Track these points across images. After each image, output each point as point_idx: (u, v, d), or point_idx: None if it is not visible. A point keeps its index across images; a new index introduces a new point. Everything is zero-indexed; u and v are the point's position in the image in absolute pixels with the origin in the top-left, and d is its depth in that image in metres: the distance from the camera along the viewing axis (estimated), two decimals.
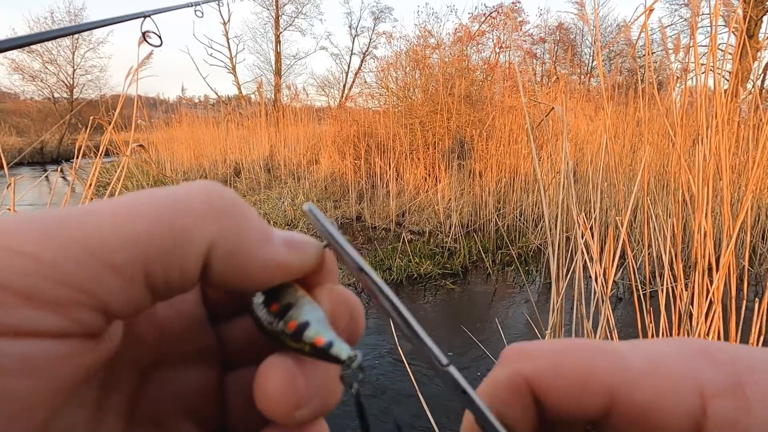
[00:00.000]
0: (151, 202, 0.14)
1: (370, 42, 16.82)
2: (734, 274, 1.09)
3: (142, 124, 10.39)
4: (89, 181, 1.37)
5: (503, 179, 5.43)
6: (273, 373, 0.16)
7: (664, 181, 3.80)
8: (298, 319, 0.16)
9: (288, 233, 0.17)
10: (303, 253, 0.17)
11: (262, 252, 0.16)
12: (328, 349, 0.16)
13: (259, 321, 0.17)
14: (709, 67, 1.13)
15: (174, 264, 0.14)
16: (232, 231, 0.15)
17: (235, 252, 0.15)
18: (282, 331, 0.16)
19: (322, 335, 0.16)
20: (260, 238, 0.16)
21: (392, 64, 7.86)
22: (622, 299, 3.55)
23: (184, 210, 0.14)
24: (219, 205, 0.15)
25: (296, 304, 0.17)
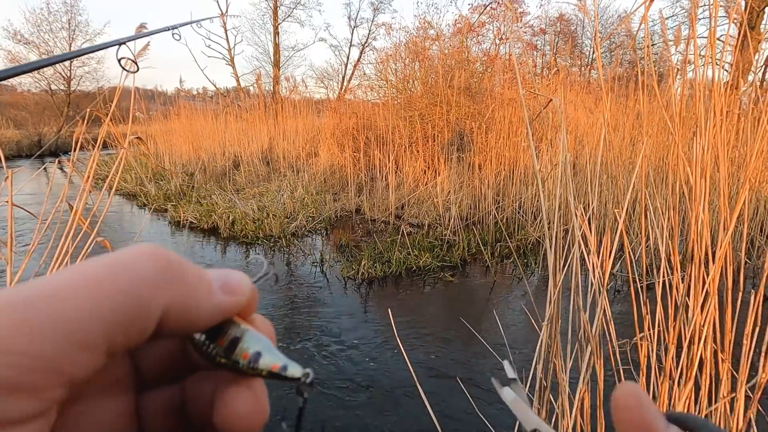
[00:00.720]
0: (108, 276, 0.15)
1: (369, 33, 16.70)
2: (731, 265, 1.10)
3: (140, 116, 10.34)
4: (87, 174, 1.37)
5: (502, 172, 5.42)
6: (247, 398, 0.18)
7: (663, 173, 3.80)
8: (249, 351, 0.19)
9: (223, 276, 0.19)
10: (240, 294, 0.19)
11: (206, 304, 0.18)
12: (284, 371, 0.19)
13: (210, 356, 0.19)
14: (708, 59, 1.12)
15: (134, 331, 0.16)
16: (182, 294, 0.17)
17: (185, 310, 0.17)
18: (236, 362, 0.19)
19: (276, 361, 0.19)
20: (204, 292, 0.18)
21: (391, 56, 7.81)
22: (620, 291, 3.57)
23: (140, 282, 0.16)
24: (169, 273, 0.17)
25: (242, 337, 0.19)
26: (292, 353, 2.56)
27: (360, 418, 2.03)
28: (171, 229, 5.36)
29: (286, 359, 0.19)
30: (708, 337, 0.90)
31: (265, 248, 4.56)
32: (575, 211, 1.00)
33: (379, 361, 2.50)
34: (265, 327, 0.21)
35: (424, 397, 1.13)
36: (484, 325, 2.94)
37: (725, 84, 1.19)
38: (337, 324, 2.93)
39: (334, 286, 3.59)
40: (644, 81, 1.56)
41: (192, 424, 0.20)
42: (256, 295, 0.21)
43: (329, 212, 5.61)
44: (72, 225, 1.11)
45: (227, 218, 5.16)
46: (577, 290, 0.97)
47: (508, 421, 1.99)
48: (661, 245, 1.11)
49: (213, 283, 0.18)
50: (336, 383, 2.29)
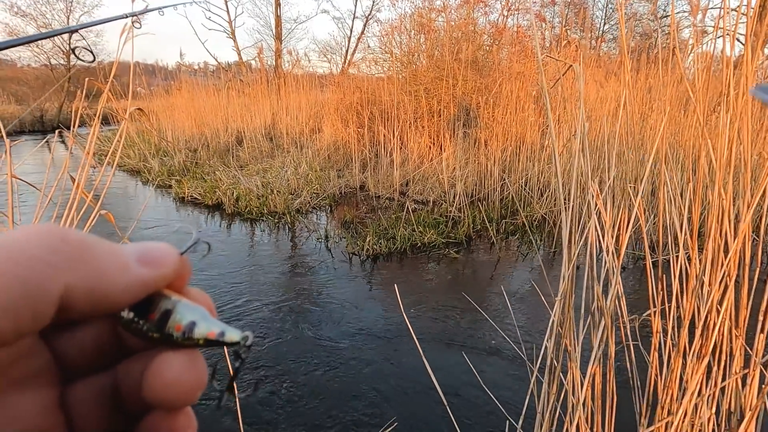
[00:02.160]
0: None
1: (373, 4, 16.19)
2: (749, 241, 1.07)
3: (141, 91, 10.20)
4: (88, 147, 1.34)
5: (509, 148, 5.34)
6: (176, 364, 0.17)
7: (673, 150, 3.72)
8: (182, 322, 0.18)
9: (144, 248, 0.18)
10: (162, 266, 0.18)
11: (122, 279, 0.17)
12: (222, 337, 0.18)
13: (140, 332, 0.18)
14: (726, 30, 1.06)
15: (26, 317, 0.14)
16: (86, 272, 0.16)
17: (94, 288, 0.16)
18: (170, 335, 0.18)
19: (212, 328, 0.18)
20: (117, 268, 0.17)
21: (396, 28, 7.59)
22: (625, 269, 3.56)
23: (29, 262, 0.14)
24: (66, 251, 0.15)
25: (174, 309, 0.18)
26: (297, 328, 2.58)
27: (365, 391, 2.05)
28: (175, 205, 5.36)
29: (223, 325, 0.19)
30: (726, 312, 0.88)
31: (269, 224, 4.56)
32: (591, 184, 0.97)
33: (384, 336, 2.52)
34: (200, 297, 0.20)
35: (430, 372, 1.13)
36: (488, 301, 2.95)
37: (741, 56, 1.13)
38: (342, 299, 2.95)
39: (338, 262, 3.59)
40: (660, 53, 1.49)
41: (128, 410, 0.19)
42: (187, 266, 0.19)
43: (333, 189, 5.58)
44: (75, 198, 1.09)
45: (231, 194, 5.15)
46: (592, 265, 0.95)
47: (511, 392, 2.01)
48: (677, 221, 1.08)
49: (128, 257, 0.17)
50: (340, 358, 2.31)
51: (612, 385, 1.00)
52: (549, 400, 1.03)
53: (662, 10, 9.70)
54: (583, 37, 9.19)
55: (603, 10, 14.37)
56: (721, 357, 0.95)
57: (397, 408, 1.94)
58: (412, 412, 1.92)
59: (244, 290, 3.06)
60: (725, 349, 0.95)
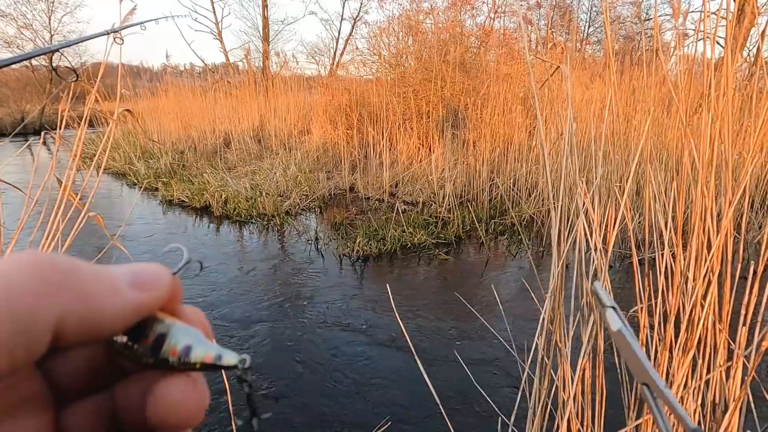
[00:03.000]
0: None
1: (361, 6, 16.22)
2: (731, 238, 1.10)
3: (126, 93, 10.05)
4: (75, 149, 1.32)
5: (497, 149, 5.39)
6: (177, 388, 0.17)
7: (657, 150, 3.80)
8: (177, 346, 0.17)
9: (135, 270, 0.17)
10: (155, 289, 0.18)
11: (114, 305, 0.16)
12: (219, 361, 0.18)
13: (135, 358, 0.18)
14: (706, 34, 1.10)
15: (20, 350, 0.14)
16: (76, 299, 0.15)
17: (86, 317, 0.15)
18: (165, 360, 0.17)
19: (208, 351, 0.18)
20: (108, 293, 0.16)
21: (384, 30, 7.61)
22: (612, 266, 3.62)
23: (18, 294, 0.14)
24: (56, 279, 0.15)
25: (169, 333, 0.18)
26: (290, 330, 2.57)
27: (358, 390, 2.05)
28: (163, 208, 5.29)
29: (219, 348, 0.18)
30: (710, 307, 0.91)
31: (258, 227, 4.53)
32: (579, 183, 0.99)
33: (376, 335, 2.52)
34: (195, 317, 0.20)
35: (422, 369, 1.14)
36: (479, 300, 2.97)
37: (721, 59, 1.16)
38: (333, 300, 2.94)
39: (329, 263, 3.58)
40: (643, 55, 1.53)
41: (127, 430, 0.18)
42: (179, 287, 0.19)
43: (323, 190, 5.57)
44: (62, 200, 1.07)
45: (219, 197, 5.10)
46: (581, 262, 0.97)
47: (502, 389, 2.03)
48: (662, 219, 1.11)
49: (118, 281, 0.16)
50: (332, 358, 2.31)
51: (601, 379, 1.02)
52: (540, 397, 1.04)
53: (645, 14, 9.90)
54: (569, 39, 9.33)
55: (587, 13, 14.62)
56: (706, 350, 0.98)
57: (389, 407, 1.95)
58: (404, 411, 1.92)
59: (232, 293, 3.04)
60: (709, 343, 0.97)
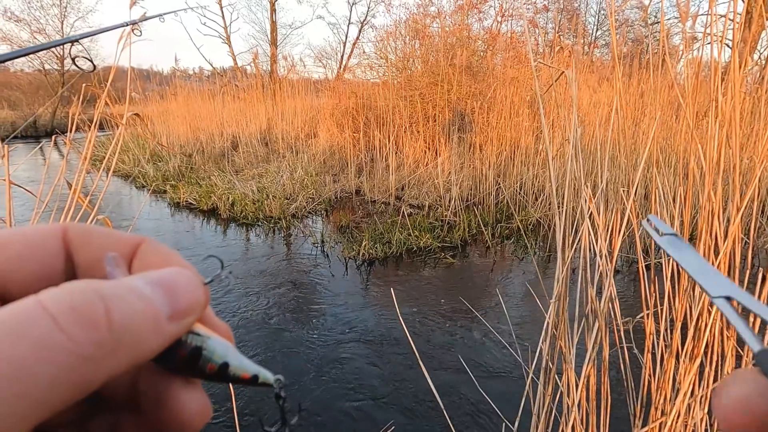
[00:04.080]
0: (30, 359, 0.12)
1: (368, 10, 16.31)
2: (739, 244, 1.09)
3: (136, 96, 10.18)
4: (85, 152, 1.34)
5: (504, 152, 5.37)
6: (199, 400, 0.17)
7: (665, 154, 3.77)
8: (215, 362, 0.17)
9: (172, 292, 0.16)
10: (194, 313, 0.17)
11: (156, 342, 0.15)
12: (257, 380, 0.18)
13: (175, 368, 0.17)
14: (714, 37, 1.09)
15: (64, 407, 0.12)
16: (129, 353, 0.14)
17: (132, 362, 0.14)
18: (203, 373, 0.17)
19: (245, 371, 0.18)
20: (151, 332, 0.15)
21: (391, 34, 7.64)
22: (619, 272, 3.59)
23: (75, 362, 0.12)
24: (112, 340, 0.13)
25: (204, 346, 0.17)
26: (294, 333, 2.58)
27: (362, 395, 2.05)
28: (170, 210, 5.34)
29: (255, 366, 0.19)
30: (717, 314, 0.90)
31: (265, 229, 4.55)
32: (584, 188, 0.99)
33: (380, 338, 2.52)
34: (221, 327, 0.19)
35: (426, 374, 1.14)
36: (484, 305, 2.96)
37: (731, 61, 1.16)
38: (338, 303, 2.95)
39: (335, 266, 3.59)
40: (650, 59, 1.52)
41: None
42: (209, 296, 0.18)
43: (329, 193, 5.59)
44: (71, 203, 1.09)
45: (227, 199, 5.14)
46: (585, 266, 0.97)
47: (507, 394, 2.02)
48: (669, 224, 1.10)
49: (160, 315, 0.15)
50: (337, 362, 2.31)
51: (606, 386, 1.01)
52: (544, 402, 1.04)
53: (653, 17, 9.84)
54: (576, 42, 9.29)
55: (595, 16, 14.56)
56: (713, 358, 0.97)
57: (393, 411, 1.94)
58: (408, 415, 1.92)
59: (238, 295, 3.05)
60: (717, 350, 0.96)
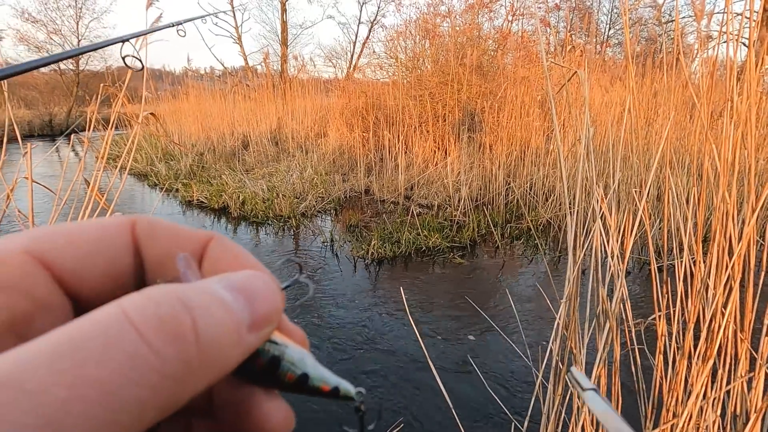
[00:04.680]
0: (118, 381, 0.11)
1: (378, 10, 16.32)
2: (754, 245, 1.08)
3: (148, 96, 10.31)
4: (101, 153, 1.37)
5: (514, 152, 5.34)
6: (281, 411, 0.17)
7: (679, 155, 3.72)
8: (295, 372, 0.17)
9: (252, 301, 0.15)
10: (273, 322, 0.16)
11: (236, 356, 0.14)
12: (337, 392, 0.18)
13: (248, 379, 0.17)
14: (730, 35, 1.08)
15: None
16: (213, 371, 0.13)
17: (213, 379, 0.13)
18: (282, 383, 0.17)
19: (326, 382, 0.18)
20: (233, 345, 0.14)
21: (401, 34, 7.64)
22: (630, 272, 3.55)
23: (167, 384, 0.12)
24: (200, 359, 0.12)
25: (283, 356, 0.17)
26: (304, 331, 2.60)
27: (371, 394, 2.06)
28: (182, 209, 5.41)
29: (335, 378, 0.18)
30: (731, 316, 0.89)
31: (275, 228, 4.59)
32: (596, 188, 0.98)
33: (389, 338, 2.53)
34: (297, 334, 0.19)
35: (435, 373, 1.14)
36: (493, 305, 2.95)
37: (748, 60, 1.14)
38: (346, 302, 2.96)
39: (344, 265, 3.61)
40: (664, 58, 1.51)
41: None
42: (285, 301, 0.17)
43: (338, 192, 5.61)
44: (89, 200, 1.11)
45: (237, 198, 5.18)
46: (597, 267, 0.96)
47: (516, 395, 2.02)
48: (683, 225, 1.09)
49: (242, 327, 0.14)
50: (346, 361, 2.32)
51: (617, 387, 1.01)
52: (554, 402, 1.03)
53: (668, 15, 9.69)
54: (588, 41, 9.20)
55: (608, 15, 14.39)
56: (726, 360, 0.96)
57: (402, 410, 1.95)
58: (417, 414, 1.92)
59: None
60: (730, 352, 0.95)
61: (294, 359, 0.17)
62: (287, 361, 0.17)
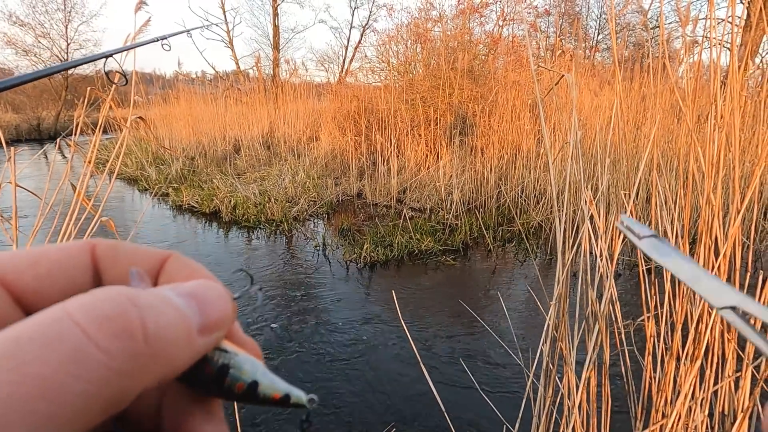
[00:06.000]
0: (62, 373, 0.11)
1: (370, 15, 16.39)
2: (739, 247, 1.09)
3: (139, 100, 10.23)
4: (89, 155, 1.36)
5: (505, 156, 5.38)
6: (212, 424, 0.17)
7: (667, 158, 3.77)
8: (244, 381, 0.17)
9: (202, 305, 0.15)
10: (223, 327, 0.16)
11: (187, 355, 0.14)
12: (288, 400, 0.18)
13: (197, 388, 0.17)
14: (715, 41, 1.10)
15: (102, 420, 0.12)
16: (162, 370, 0.13)
17: (162, 378, 0.14)
18: (230, 391, 0.17)
19: (276, 390, 0.17)
20: (183, 347, 0.14)
21: (393, 38, 7.68)
22: (621, 275, 3.58)
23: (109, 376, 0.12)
24: (148, 354, 0.13)
25: (231, 364, 0.17)
26: (296, 336, 2.58)
27: (364, 398, 2.05)
28: (173, 213, 5.36)
29: (286, 386, 0.18)
30: (717, 317, 0.90)
31: (267, 232, 4.56)
32: (584, 191, 0.99)
33: (381, 342, 2.52)
34: (249, 344, 0.19)
35: (427, 377, 1.14)
36: (485, 307, 2.96)
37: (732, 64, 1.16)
38: (339, 307, 2.95)
39: (336, 269, 3.60)
40: (651, 63, 1.53)
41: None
42: (237, 311, 0.18)
43: (331, 196, 5.60)
44: (75, 205, 1.10)
45: (229, 202, 5.15)
46: (586, 269, 0.97)
47: (507, 396, 2.02)
48: (669, 227, 1.10)
49: (192, 329, 0.15)
50: (339, 365, 2.31)
51: (607, 388, 1.01)
52: (545, 404, 1.04)
53: (654, 21, 9.86)
54: (577, 46, 9.31)
55: (597, 20, 14.59)
56: (714, 360, 0.97)
57: (394, 413, 1.94)
58: (409, 417, 1.92)
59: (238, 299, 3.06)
60: (717, 352, 0.96)
61: (243, 367, 0.17)
62: (236, 368, 0.17)
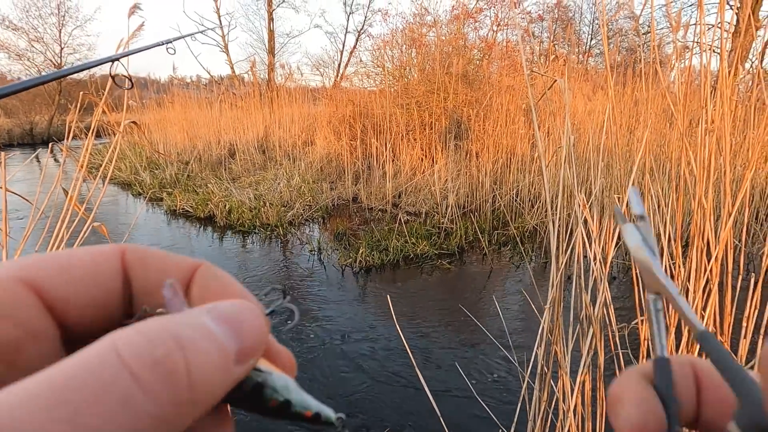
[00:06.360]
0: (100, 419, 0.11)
1: (365, 20, 16.47)
2: (731, 249, 1.10)
3: (133, 105, 10.20)
4: (81, 160, 1.35)
5: (500, 160, 5.41)
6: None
7: (659, 162, 3.80)
8: (276, 397, 0.17)
9: (238, 333, 0.15)
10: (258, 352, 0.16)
11: (225, 384, 0.14)
12: (319, 419, 0.18)
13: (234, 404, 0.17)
14: (706, 46, 1.11)
15: None
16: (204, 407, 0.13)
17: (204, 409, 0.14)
18: (265, 408, 0.17)
19: (308, 408, 0.18)
20: (221, 375, 0.14)
21: (388, 43, 7.71)
22: (615, 278, 3.60)
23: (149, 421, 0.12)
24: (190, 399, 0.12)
25: (266, 383, 0.17)
26: (291, 342, 2.57)
27: (358, 402, 2.04)
28: (167, 218, 5.33)
29: (317, 404, 0.18)
30: (710, 318, 0.91)
31: (262, 237, 4.54)
32: (578, 195, 1.00)
33: (377, 347, 2.51)
34: (284, 355, 0.19)
35: (422, 381, 1.14)
36: (480, 311, 2.96)
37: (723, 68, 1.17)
38: (334, 311, 2.94)
39: (331, 274, 3.59)
40: (643, 68, 1.55)
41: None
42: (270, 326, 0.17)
43: (326, 201, 5.59)
44: (67, 210, 1.09)
45: (224, 207, 5.13)
46: (579, 273, 0.97)
47: (503, 400, 2.01)
48: (662, 229, 1.11)
49: (230, 360, 0.14)
50: (335, 370, 2.30)
51: (601, 391, 1.01)
52: (540, 407, 1.04)
53: (646, 27, 9.98)
54: (570, 51, 9.40)
55: (590, 25, 14.75)
56: None
57: (389, 416, 1.93)
58: (404, 421, 1.91)
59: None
60: None
61: (277, 386, 0.17)
62: (270, 388, 0.17)
